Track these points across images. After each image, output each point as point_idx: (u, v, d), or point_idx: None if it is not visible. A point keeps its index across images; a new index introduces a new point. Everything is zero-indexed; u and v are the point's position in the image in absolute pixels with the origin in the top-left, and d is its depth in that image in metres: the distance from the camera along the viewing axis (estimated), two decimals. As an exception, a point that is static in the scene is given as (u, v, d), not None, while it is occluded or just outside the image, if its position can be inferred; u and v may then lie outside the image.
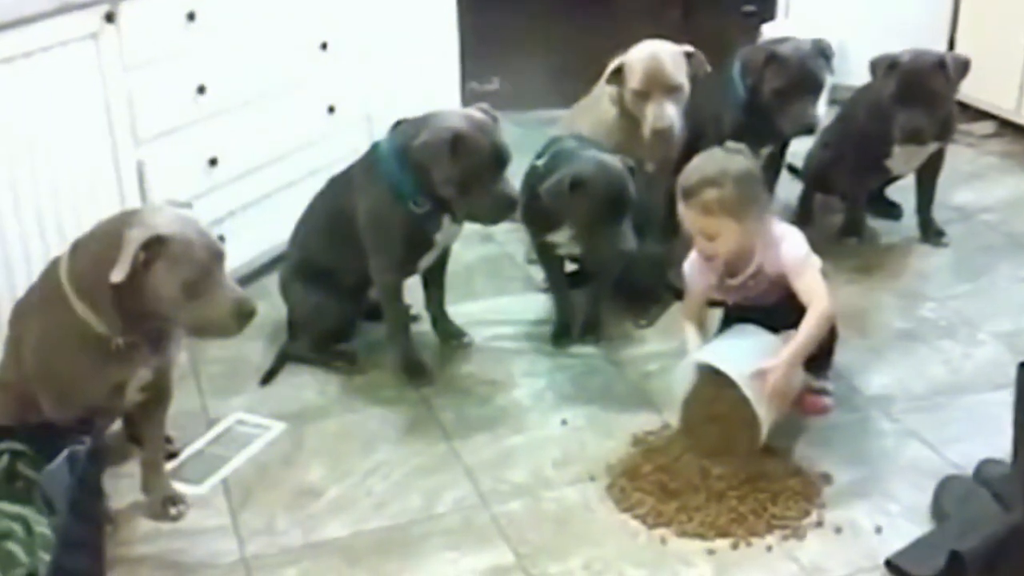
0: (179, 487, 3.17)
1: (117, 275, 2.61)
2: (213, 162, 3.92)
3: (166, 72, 3.76)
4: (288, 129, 4.25)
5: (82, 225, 3.27)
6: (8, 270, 3.37)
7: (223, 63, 3.94)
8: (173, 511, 3.07)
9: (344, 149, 4.00)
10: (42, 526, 2.71)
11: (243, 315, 2.81)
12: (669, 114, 3.91)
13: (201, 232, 2.77)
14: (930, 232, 4.54)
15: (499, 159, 3.38)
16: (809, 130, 4.18)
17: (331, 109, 4.42)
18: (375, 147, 3.57)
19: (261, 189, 4.16)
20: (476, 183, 3.36)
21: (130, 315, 2.75)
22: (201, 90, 3.86)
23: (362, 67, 4.58)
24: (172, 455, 3.29)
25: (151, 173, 3.72)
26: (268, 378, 3.74)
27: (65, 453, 2.64)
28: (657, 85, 3.92)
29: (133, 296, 2.69)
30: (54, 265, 2.84)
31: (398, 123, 3.56)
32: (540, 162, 3.72)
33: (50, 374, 2.85)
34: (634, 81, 3.94)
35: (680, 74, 3.96)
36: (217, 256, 2.77)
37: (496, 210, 3.43)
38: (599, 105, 4.17)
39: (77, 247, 2.82)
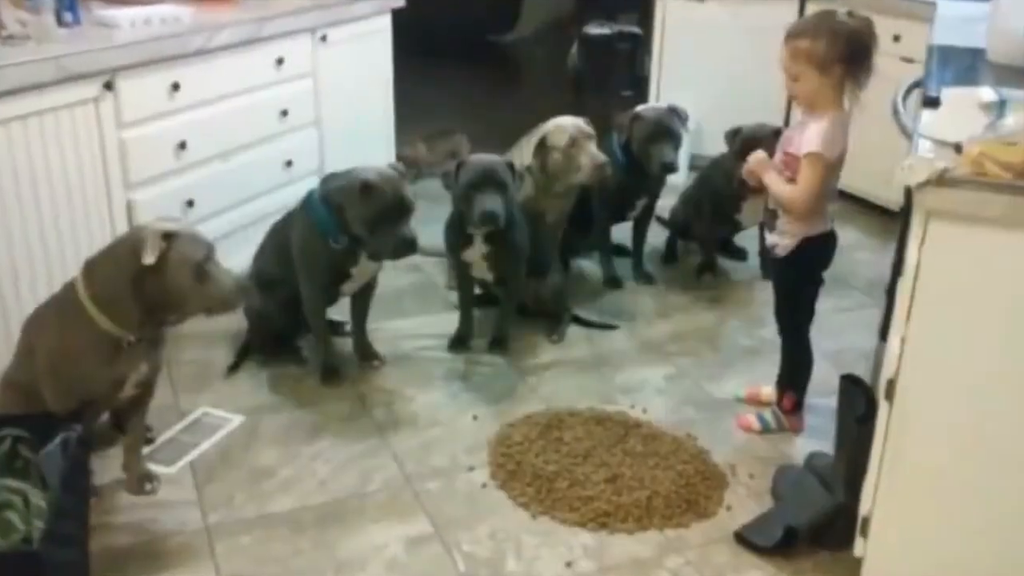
0: (154, 467, 3.09)
1: (149, 258, 2.62)
2: (190, 203, 3.85)
3: (154, 131, 3.70)
4: (253, 178, 4.20)
5: (80, 251, 3.27)
6: (16, 288, 3.27)
7: (201, 124, 3.88)
8: (148, 487, 3.00)
9: (299, 196, 3.92)
10: (37, 498, 2.61)
11: (242, 289, 2.84)
12: (601, 153, 3.94)
13: (195, 230, 2.84)
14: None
15: (401, 205, 3.32)
16: (670, 169, 4.19)
17: (289, 163, 4.37)
18: (310, 193, 3.52)
19: (230, 226, 4.08)
20: (382, 224, 3.30)
21: (148, 309, 2.72)
22: (182, 145, 3.80)
23: (315, 131, 4.54)
24: (149, 441, 3.21)
25: (139, 211, 3.63)
26: (233, 368, 3.69)
27: (59, 438, 2.59)
28: (583, 136, 3.93)
29: (153, 289, 2.68)
30: (70, 285, 2.78)
31: (328, 176, 3.54)
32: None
33: (62, 374, 2.76)
34: (564, 140, 3.92)
35: (591, 129, 4.00)
36: (211, 247, 2.80)
37: (396, 249, 3.34)
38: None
39: (92, 266, 2.76)
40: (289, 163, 4.37)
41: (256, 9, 4.18)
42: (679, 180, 4.98)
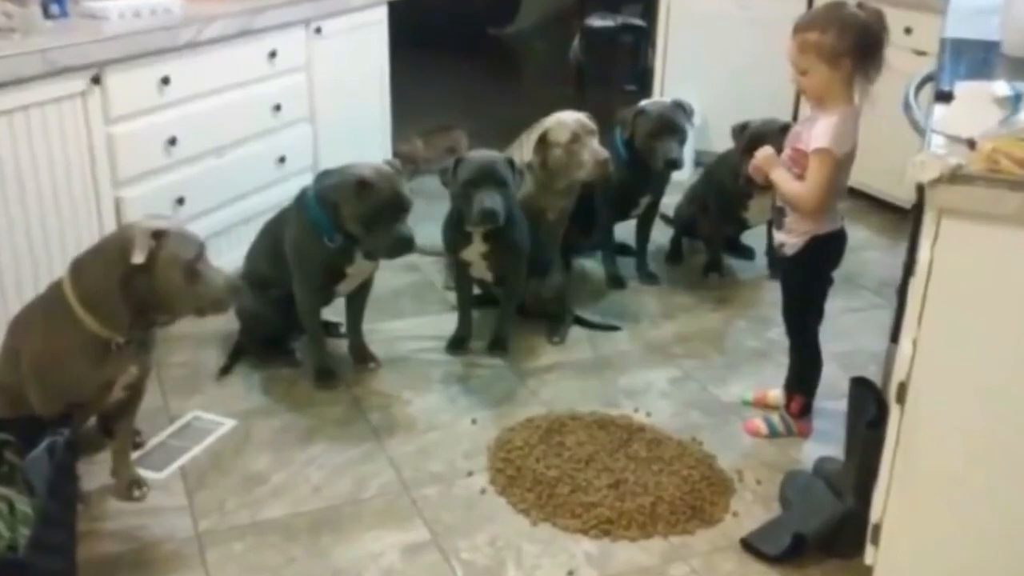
0: (143, 473, 3.09)
1: (138, 257, 2.62)
2: (180, 200, 3.85)
3: (143, 126, 3.70)
4: (245, 175, 4.20)
5: (67, 250, 3.27)
6: (1, 288, 3.26)
7: (191, 120, 3.88)
8: (137, 493, 3.00)
9: (292, 193, 3.93)
10: (23, 505, 2.60)
11: (234, 289, 2.84)
12: (604, 149, 3.94)
13: (186, 228, 2.83)
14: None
15: (398, 203, 3.32)
16: (674, 165, 4.21)
17: (282, 159, 4.37)
18: (303, 191, 3.53)
19: (221, 224, 4.09)
20: (378, 222, 3.30)
21: (138, 310, 2.71)
22: (172, 141, 3.80)
23: (309, 127, 4.54)
24: (138, 445, 3.20)
25: (127, 208, 3.63)
26: (225, 371, 3.68)
27: (46, 442, 2.56)
28: (585, 131, 3.93)
29: (142, 289, 2.68)
30: (57, 284, 2.78)
31: (322, 172, 3.54)
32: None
33: (50, 377, 2.77)
34: (565, 136, 3.92)
35: (593, 124, 4.00)
36: (201, 245, 2.79)
37: (393, 247, 3.35)
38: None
39: (79, 265, 2.76)
40: (282, 159, 4.37)
41: (248, 0, 4.17)
42: (684, 177, 5.00)
